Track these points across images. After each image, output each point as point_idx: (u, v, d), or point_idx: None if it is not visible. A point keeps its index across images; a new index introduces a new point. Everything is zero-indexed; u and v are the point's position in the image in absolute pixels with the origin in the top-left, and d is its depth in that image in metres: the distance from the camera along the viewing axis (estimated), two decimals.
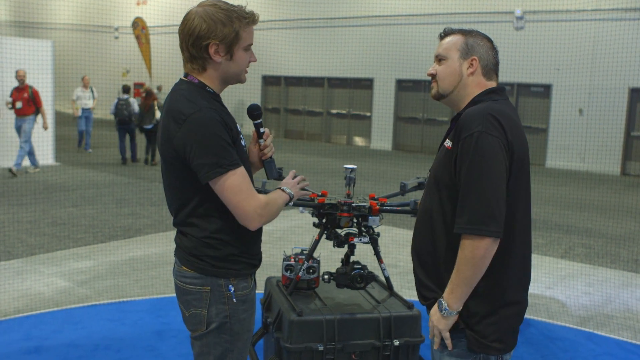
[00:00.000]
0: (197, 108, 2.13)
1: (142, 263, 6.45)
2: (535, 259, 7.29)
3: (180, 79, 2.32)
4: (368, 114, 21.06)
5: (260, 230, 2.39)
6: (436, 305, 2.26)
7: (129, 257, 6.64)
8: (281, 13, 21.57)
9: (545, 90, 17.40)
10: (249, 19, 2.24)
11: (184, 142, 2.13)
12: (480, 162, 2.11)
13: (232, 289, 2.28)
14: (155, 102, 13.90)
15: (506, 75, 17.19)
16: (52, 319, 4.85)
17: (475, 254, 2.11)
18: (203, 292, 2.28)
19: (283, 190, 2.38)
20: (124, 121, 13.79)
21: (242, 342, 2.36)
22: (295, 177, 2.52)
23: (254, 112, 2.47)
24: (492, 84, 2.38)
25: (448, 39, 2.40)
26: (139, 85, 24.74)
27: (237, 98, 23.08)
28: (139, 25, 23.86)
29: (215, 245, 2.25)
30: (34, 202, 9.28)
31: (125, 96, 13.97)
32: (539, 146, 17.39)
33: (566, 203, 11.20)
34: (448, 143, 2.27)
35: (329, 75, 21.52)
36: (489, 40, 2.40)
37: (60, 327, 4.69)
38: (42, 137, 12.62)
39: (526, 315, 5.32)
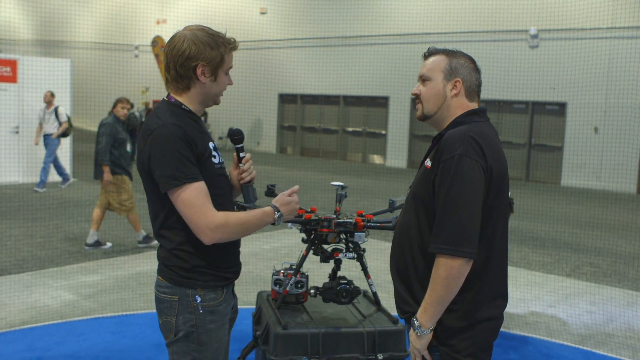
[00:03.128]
0: (160, 123, 2.28)
1: (148, 277, 6.57)
2: (540, 277, 7.28)
3: (162, 99, 2.47)
4: (383, 131, 21.13)
5: (235, 243, 2.47)
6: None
7: (136, 272, 6.76)
8: (298, 32, 21.81)
9: (560, 109, 17.35)
10: (232, 45, 2.40)
11: (149, 154, 2.28)
12: (459, 184, 2.17)
13: (199, 299, 2.37)
14: None
15: (521, 93, 17.20)
16: (56, 330, 4.97)
17: (449, 274, 2.17)
18: (172, 300, 2.39)
19: (273, 208, 2.39)
20: (132, 130, 16.73)
21: (211, 353, 2.43)
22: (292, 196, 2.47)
23: (234, 136, 2.58)
24: (474, 105, 2.42)
25: (432, 59, 2.44)
26: (157, 103, 25.03)
27: (254, 116, 23.34)
28: (158, 44, 24.22)
29: (183, 257, 2.36)
30: (49, 217, 9.47)
31: (132, 111, 16.66)
32: (554, 164, 17.33)
33: (578, 222, 11.15)
34: (428, 162, 2.33)
35: (344, 93, 21.66)
36: (473, 61, 2.44)
37: (63, 338, 4.80)
38: (59, 153, 12.86)
39: (525, 333, 5.35)
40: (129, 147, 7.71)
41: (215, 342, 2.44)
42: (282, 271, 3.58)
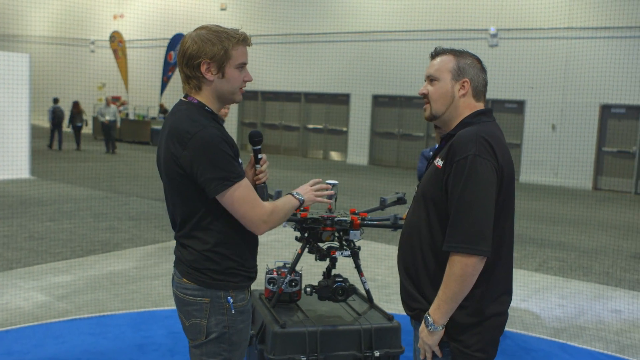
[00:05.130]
0: (201, 127, 2.25)
1: (121, 277, 6.46)
2: None
3: (180, 100, 2.43)
4: (344, 129, 21.21)
5: (256, 246, 2.51)
6: (423, 322, 2.33)
7: (108, 272, 6.64)
8: (258, 28, 21.69)
9: (519, 107, 17.71)
10: (239, 38, 2.39)
11: (191, 159, 2.23)
12: (473, 184, 2.20)
13: (231, 300, 2.38)
14: (82, 109, 20.79)
15: None
16: (33, 333, 4.84)
17: (464, 272, 2.20)
18: (203, 303, 2.37)
19: (293, 195, 2.50)
20: (59, 122, 19.86)
21: (239, 352, 2.47)
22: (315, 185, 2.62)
23: (255, 138, 2.61)
24: (481, 105, 2.45)
25: (439, 59, 2.44)
26: (115, 99, 24.62)
27: None
28: (116, 39, 23.80)
29: (215, 259, 2.35)
30: (10, 216, 9.22)
31: (57, 105, 19.97)
32: (514, 161, 17.63)
33: (540, 217, 11.40)
34: (439, 162, 2.34)
35: (305, 90, 21.66)
36: (479, 61, 2.46)
37: (41, 341, 4.68)
38: (17, 150, 12.54)
39: None
40: None
41: (244, 341, 2.47)
42: (275, 270, 3.57)
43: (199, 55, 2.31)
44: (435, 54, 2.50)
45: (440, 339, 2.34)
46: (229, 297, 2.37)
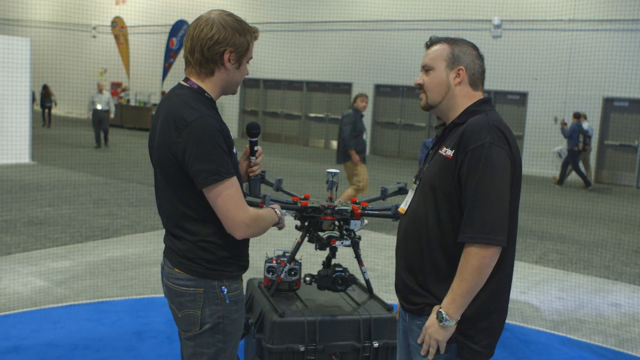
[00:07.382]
0: (199, 115, 2.20)
1: (120, 264, 6.44)
2: None
3: (180, 84, 2.38)
4: None
5: None
6: (434, 316, 2.25)
7: (107, 258, 6.63)
8: (261, 16, 21.59)
9: (521, 98, 17.64)
10: (256, 34, 2.40)
11: (184, 147, 2.18)
12: (490, 172, 2.15)
13: (225, 290, 2.35)
14: (50, 92, 22.41)
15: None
16: (31, 318, 4.84)
17: (481, 263, 2.14)
18: (197, 293, 2.33)
19: (276, 212, 2.49)
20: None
21: (233, 342, 2.43)
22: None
23: (252, 130, 2.57)
24: (479, 94, 2.38)
25: (434, 49, 2.39)
26: (116, 85, 24.55)
27: (217, 101, 23.00)
28: (117, 25, 23.69)
29: (210, 249, 2.31)
30: (10, 201, 9.20)
31: None
32: None
33: (541, 209, 11.38)
34: (447, 152, 2.27)
35: (307, 78, 21.58)
36: (475, 48, 2.40)
37: (39, 326, 4.67)
38: (18, 136, 12.52)
39: None
40: (365, 136, 9.12)
41: (238, 331, 2.43)
42: (275, 258, 3.54)
43: (226, 42, 2.28)
44: (430, 44, 2.43)
45: (450, 334, 2.26)
46: (223, 287, 2.34)
